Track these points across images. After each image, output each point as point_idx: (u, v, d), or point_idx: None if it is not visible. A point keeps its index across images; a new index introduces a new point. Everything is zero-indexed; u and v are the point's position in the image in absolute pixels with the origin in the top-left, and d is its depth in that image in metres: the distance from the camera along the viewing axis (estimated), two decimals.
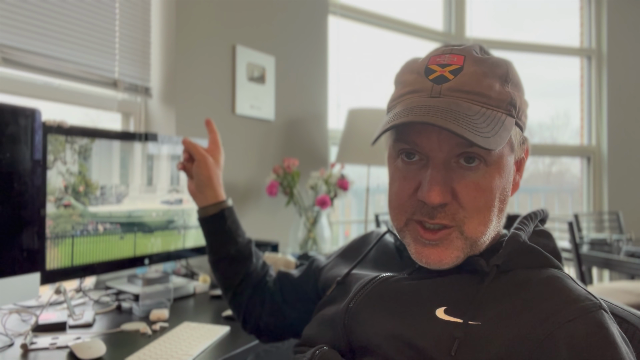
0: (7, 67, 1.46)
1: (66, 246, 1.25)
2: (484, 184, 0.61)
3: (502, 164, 0.62)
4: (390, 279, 0.68)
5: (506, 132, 0.60)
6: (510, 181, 0.65)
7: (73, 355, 0.98)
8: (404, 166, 0.64)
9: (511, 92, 0.63)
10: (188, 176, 1.04)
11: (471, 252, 0.63)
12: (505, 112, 0.62)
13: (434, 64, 0.63)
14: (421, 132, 0.61)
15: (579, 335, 0.52)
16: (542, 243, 0.66)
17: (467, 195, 0.60)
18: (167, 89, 1.91)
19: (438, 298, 0.61)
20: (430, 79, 0.62)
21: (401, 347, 0.59)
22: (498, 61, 0.64)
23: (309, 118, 2.46)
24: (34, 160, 1.08)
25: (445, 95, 0.61)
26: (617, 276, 3.43)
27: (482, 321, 0.57)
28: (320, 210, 2.14)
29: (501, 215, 0.65)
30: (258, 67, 2.19)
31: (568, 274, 0.63)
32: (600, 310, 0.55)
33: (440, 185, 0.59)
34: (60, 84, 1.64)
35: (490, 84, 0.61)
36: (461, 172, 0.61)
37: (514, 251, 0.62)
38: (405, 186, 0.64)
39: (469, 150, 0.60)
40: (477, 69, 0.62)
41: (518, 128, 0.65)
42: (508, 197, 0.65)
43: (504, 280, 0.61)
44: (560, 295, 0.57)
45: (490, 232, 0.63)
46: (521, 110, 0.65)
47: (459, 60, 0.62)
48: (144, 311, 1.28)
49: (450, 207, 0.61)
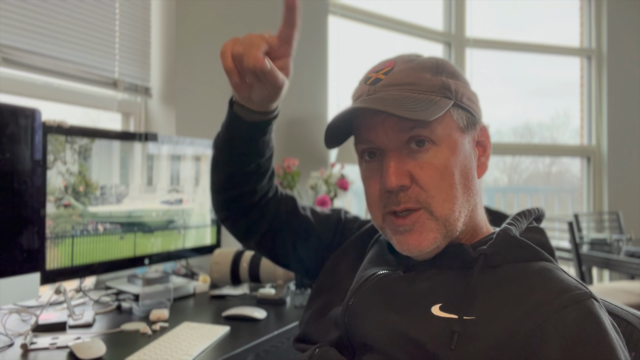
0: (7, 67, 1.46)
1: (66, 246, 1.25)
2: (437, 162, 0.64)
3: (452, 143, 0.66)
4: (387, 277, 0.70)
5: (438, 108, 0.63)
6: (471, 160, 0.68)
7: (73, 355, 0.98)
8: (367, 165, 0.70)
9: (444, 79, 0.67)
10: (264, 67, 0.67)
11: (448, 233, 0.65)
12: (438, 95, 0.66)
13: (371, 72, 0.71)
14: (369, 129, 0.67)
15: (570, 323, 0.53)
16: (532, 238, 0.67)
17: (424, 175, 0.64)
18: (167, 89, 1.91)
19: (432, 295, 0.63)
20: (367, 83, 0.69)
21: (402, 343, 0.60)
22: (428, 58, 0.70)
23: (309, 118, 2.46)
24: (34, 160, 1.08)
25: (379, 91, 0.67)
26: (617, 276, 3.43)
27: (476, 315, 0.58)
28: None
29: (469, 193, 0.67)
30: None
31: (559, 266, 0.64)
32: (590, 299, 0.56)
33: (395, 169, 0.64)
34: (60, 84, 1.64)
35: (420, 75, 0.67)
36: (413, 155, 0.65)
37: (504, 243, 0.64)
38: (373, 183, 0.68)
39: (413, 133, 0.64)
40: (406, 66, 0.68)
41: (462, 110, 0.68)
42: (472, 176, 0.68)
43: (495, 274, 0.62)
44: (550, 286, 0.58)
45: (459, 209, 0.65)
46: (461, 94, 0.68)
47: (390, 64, 0.69)
48: (144, 311, 1.28)
49: (412, 191, 0.64)
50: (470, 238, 0.69)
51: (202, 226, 1.70)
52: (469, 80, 0.73)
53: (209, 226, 1.73)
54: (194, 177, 1.66)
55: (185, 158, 1.63)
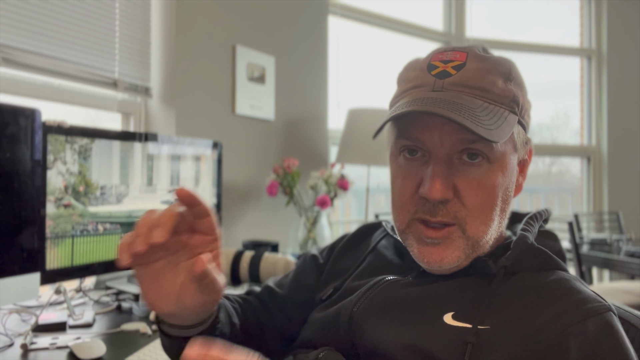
0: (7, 67, 1.46)
1: (66, 246, 1.25)
2: (487, 181, 0.60)
3: (505, 162, 0.62)
4: (396, 283, 0.67)
5: (509, 127, 0.59)
6: (513, 181, 0.65)
7: (73, 355, 0.98)
8: (406, 163, 0.63)
9: (514, 90, 0.63)
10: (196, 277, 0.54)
11: (473, 253, 0.62)
12: (508, 108, 0.61)
13: (436, 60, 0.63)
14: (423, 128, 0.60)
15: (589, 335, 0.52)
16: (548, 245, 0.65)
17: (469, 192, 0.59)
18: (167, 89, 1.90)
19: (445, 303, 0.60)
20: (432, 74, 0.62)
21: (411, 353, 0.57)
22: (501, 59, 0.64)
23: (309, 118, 2.46)
24: (34, 160, 1.08)
25: (447, 89, 0.60)
26: (617, 276, 3.43)
27: (491, 325, 0.56)
28: (320, 210, 2.14)
29: (503, 216, 0.64)
30: (258, 67, 2.19)
31: (576, 276, 0.62)
32: (609, 312, 0.55)
33: (442, 180, 0.58)
34: (61, 84, 1.64)
35: (493, 80, 0.61)
36: (463, 168, 0.60)
37: (522, 253, 0.62)
38: (408, 184, 0.62)
39: (471, 146, 0.59)
40: (480, 65, 0.61)
41: (521, 127, 0.64)
42: (511, 198, 0.64)
43: (511, 283, 0.60)
44: (569, 297, 0.56)
45: (491, 232, 0.62)
46: (524, 109, 0.64)
47: (462, 56, 0.62)
48: (144, 311, 1.28)
49: (452, 205, 0.60)
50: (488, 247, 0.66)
51: None
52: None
53: None
54: (194, 177, 1.66)
55: (185, 158, 1.63)
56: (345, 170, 2.27)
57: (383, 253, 0.76)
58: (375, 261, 0.76)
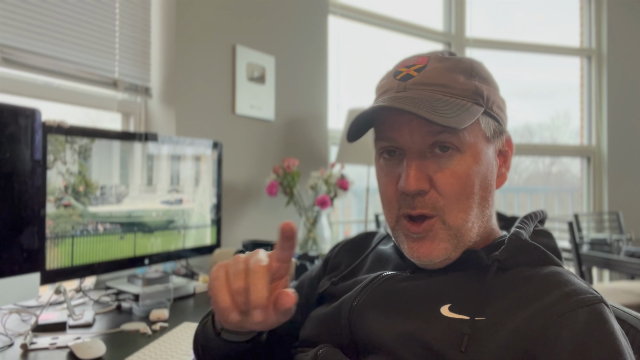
0: (7, 67, 1.46)
1: (66, 246, 1.25)
2: (459, 169, 0.63)
3: (477, 152, 0.65)
4: (393, 278, 0.69)
5: (470, 116, 0.62)
6: (492, 171, 0.67)
7: (73, 355, 0.98)
8: (386, 163, 0.68)
9: (477, 84, 0.65)
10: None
11: (459, 243, 0.64)
12: (470, 100, 0.64)
13: (401, 67, 0.68)
14: (393, 127, 0.65)
15: (580, 324, 0.53)
16: (542, 242, 0.67)
17: (444, 182, 0.63)
18: (167, 89, 1.91)
19: (441, 296, 0.62)
20: (397, 78, 0.67)
21: (409, 344, 0.59)
22: (462, 58, 0.68)
23: (309, 118, 2.46)
24: (34, 160, 1.08)
25: (410, 89, 0.65)
26: (617, 276, 3.43)
27: (486, 316, 0.58)
28: (320, 210, 2.14)
29: (485, 205, 0.66)
30: (258, 67, 2.19)
31: (570, 271, 0.63)
32: (601, 303, 0.56)
33: (415, 172, 0.62)
34: (61, 84, 1.64)
35: (454, 77, 0.65)
36: (436, 160, 0.63)
37: (516, 248, 0.63)
38: (389, 182, 0.67)
39: (438, 138, 0.62)
40: (440, 65, 0.66)
41: (491, 119, 0.67)
42: (492, 188, 0.67)
43: (507, 277, 0.62)
44: (561, 288, 0.58)
45: (473, 220, 0.64)
46: (492, 102, 0.66)
47: (424, 60, 0.67)
48: (144, 311, 1.28)
49: (430, 196, 0.63)
50: (482, 243, 0.68)
51: (202, 226, 1.70)
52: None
53: (209, 226, 1.73)
54: (194, 177, 1.66)
55: (185, 158, 1.63)
56: (345, 170, 2.27)
57: (382, 252, 0.79)
58: (375, 259, 0.78)
